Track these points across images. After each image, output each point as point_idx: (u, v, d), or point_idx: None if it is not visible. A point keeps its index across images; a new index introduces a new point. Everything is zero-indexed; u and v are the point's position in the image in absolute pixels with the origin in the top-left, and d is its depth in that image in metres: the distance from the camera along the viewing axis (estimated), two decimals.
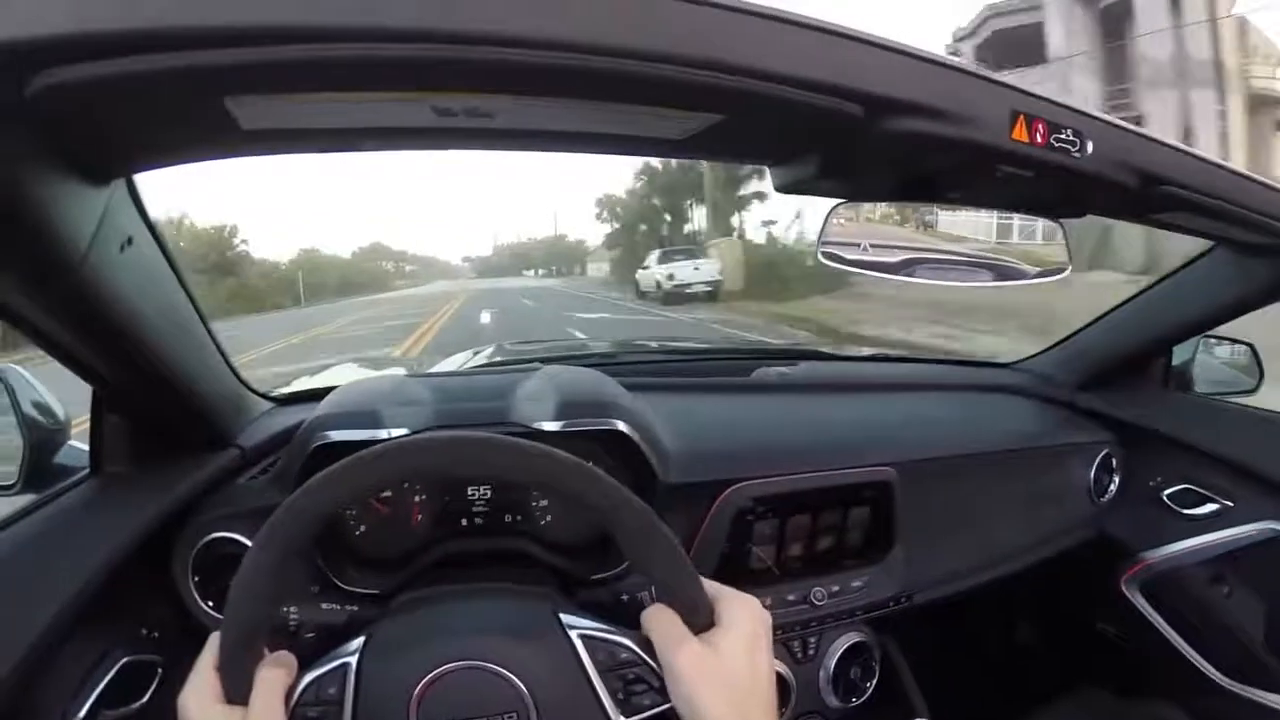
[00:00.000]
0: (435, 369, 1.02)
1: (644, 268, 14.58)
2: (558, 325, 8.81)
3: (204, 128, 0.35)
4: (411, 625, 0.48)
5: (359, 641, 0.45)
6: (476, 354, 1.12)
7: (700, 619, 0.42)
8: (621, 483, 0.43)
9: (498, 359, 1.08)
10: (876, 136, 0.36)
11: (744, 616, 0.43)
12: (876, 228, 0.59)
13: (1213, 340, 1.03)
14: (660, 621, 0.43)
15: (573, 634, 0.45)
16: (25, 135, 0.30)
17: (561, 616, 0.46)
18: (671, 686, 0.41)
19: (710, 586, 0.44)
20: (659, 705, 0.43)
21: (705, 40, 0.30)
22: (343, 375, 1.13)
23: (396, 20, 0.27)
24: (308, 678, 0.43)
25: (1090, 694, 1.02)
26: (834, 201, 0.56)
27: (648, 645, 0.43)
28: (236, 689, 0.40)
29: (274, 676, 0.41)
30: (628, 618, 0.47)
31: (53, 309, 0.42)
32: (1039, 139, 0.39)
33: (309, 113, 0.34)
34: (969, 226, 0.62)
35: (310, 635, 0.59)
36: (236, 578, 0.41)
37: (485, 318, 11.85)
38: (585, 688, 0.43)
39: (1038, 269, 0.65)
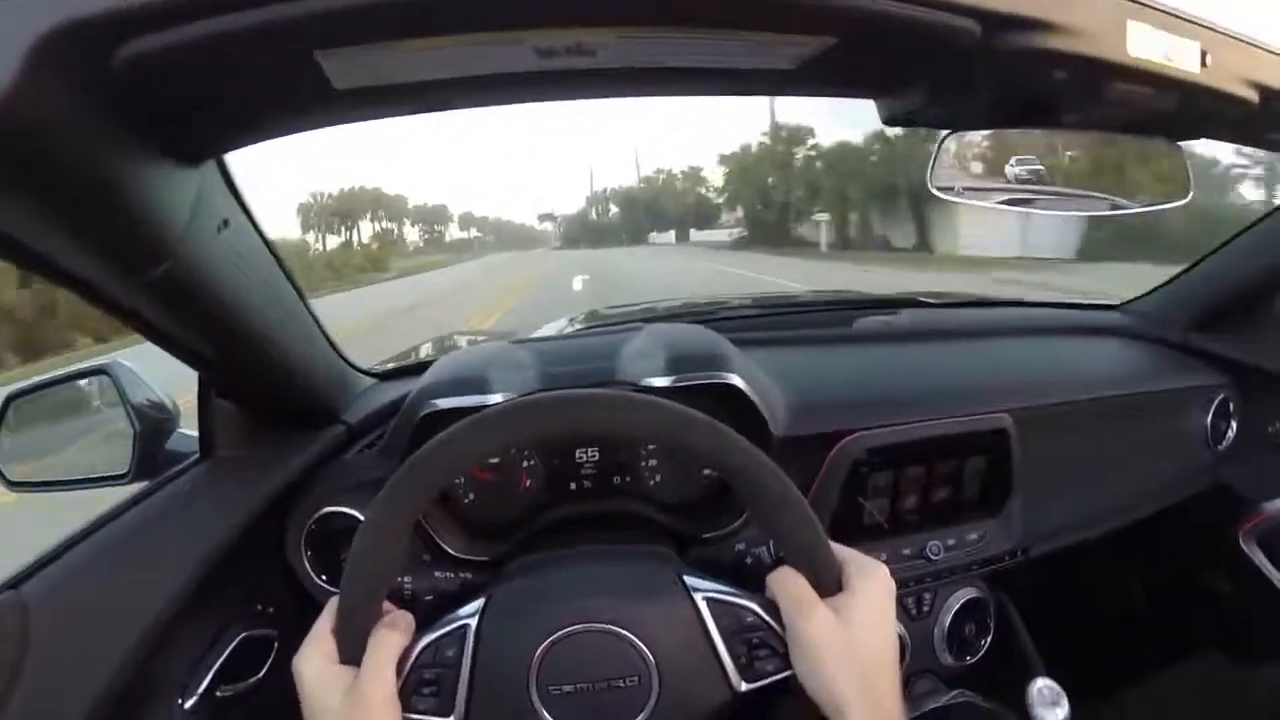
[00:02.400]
0: (534, 334, 1.02)
1: None
2: None
3: (296, 90, 0.34)
4: (531, 588, 0.48)
5: (478, 604, 0.45)
6: (573, 320, 1.11)
7: (830, 583, 0.41)
8: None
9: (595, 324, 1.07)
10: (991, 56, 0.34)
11: (873, 585, 0.41)
12: (988, 158, 0.56)
13: None
14: (788, 585, 0.41)
15: (697, 596, 0.44)
16: (115, 112, 0.29)
17: (685, 579, 0.45)
18: (796, 652, 0.40)
19: (838, 549, 0.43)
20: (782, 671, 0.42)
21: None
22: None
23: None
24: (426, 639, 0.43)
25: (1208, 657, 0.97)
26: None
27: (773, 609, 0.42)
28: (351, 651, 0.40)
29: (387, 639, 0.41)
30: (749, 578, 0.46)
31: (154, 294, 0.42)
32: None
33: (405, 65, 0.33)
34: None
35: (429, 598, 0.60)
36: (356, 540, 0.41)
37: None
38: (708, 651, 0.42)
39: (1152, 197, 0.61)
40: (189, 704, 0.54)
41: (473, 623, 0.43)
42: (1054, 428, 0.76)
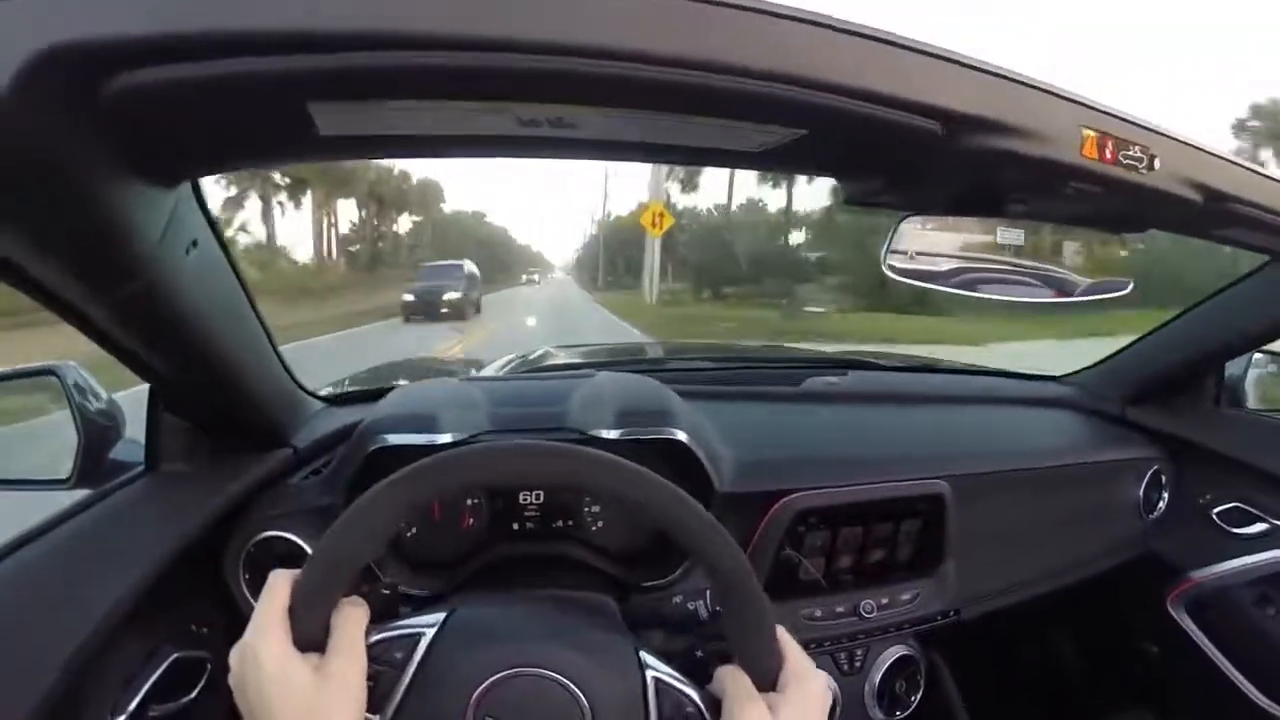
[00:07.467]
0: (484, 372, 1.01)
1: None
2: None
3: (281, 133, 0.35)
4: (497, 618, 0.47)
5: (439, 616, 0.43)
6: (525, 357, 1.11)
7: (765, 676, 0.42)
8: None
9: (547, 362, 1.07)
10: (952, 153, 0.36)
11: (808, 691, 0.42)
12: (944, 241, 0.58)
13: (1265, 356, 1.01)
14: (732, 681, 0.42)
15: (648, 674, 0.43)
16: (99, 138, 0.29)
17: (643, 655, 0.44)
18: None
19: (786, 647, 0.44)
20: None
21: (791, 56, 0.30)
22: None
23: (486, 30, 0.26)
24: (377, 635, 0.41)
25: (1133, 715, 1.00)
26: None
27: (714, 707, 0.42)
28: (311, 634, 0.38)
29: (355, 616, 0.39)
30: (686, 630, 0.46)
31: (119, 311, 0.42)
32: (1108, 156, 0.39)
33: (390, 119, 0.34)
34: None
35: (386, 592, 0.58)
36: (334, 525, 0.39)
37: None
38: None
39: (1096, 286, 0.63)
40: None
41: (429, 633, 0.42)
42: (991, 495, 0.78)
